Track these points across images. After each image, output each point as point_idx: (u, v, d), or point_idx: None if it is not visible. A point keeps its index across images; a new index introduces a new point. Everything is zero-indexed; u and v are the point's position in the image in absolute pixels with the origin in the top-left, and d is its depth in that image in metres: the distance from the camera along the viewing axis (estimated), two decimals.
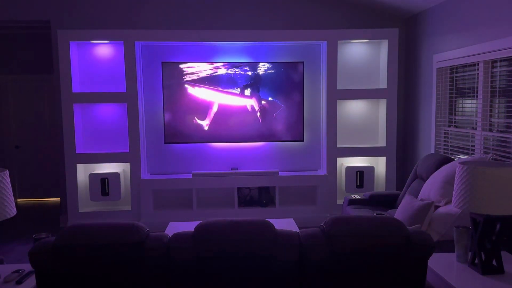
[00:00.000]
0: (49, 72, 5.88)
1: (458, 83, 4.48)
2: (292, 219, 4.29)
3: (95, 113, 5.49)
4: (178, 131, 5.41)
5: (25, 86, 6.91)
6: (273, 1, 5.50)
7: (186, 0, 5.43)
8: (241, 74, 5.38)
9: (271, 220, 2.20)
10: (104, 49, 5.42)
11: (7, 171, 2.28)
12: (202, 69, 5.34)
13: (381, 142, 5.58)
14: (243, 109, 5.43)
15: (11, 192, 2.28)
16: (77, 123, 5.31)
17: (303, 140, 5.57)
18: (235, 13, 5.49)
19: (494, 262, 2.26)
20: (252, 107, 5.44)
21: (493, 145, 3.86)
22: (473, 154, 4.13)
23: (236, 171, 5.44)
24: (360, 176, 5.49)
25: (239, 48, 5.49)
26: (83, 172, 5.43)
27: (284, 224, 4.00)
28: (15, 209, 2.30)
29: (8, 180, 2.27)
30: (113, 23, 5.38)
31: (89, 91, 5.37)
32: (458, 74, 4.47)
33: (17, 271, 2.25)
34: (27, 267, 2.30)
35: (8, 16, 5.33)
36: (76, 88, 5.29)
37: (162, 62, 5.32)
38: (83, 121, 5.47)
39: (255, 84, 5.41)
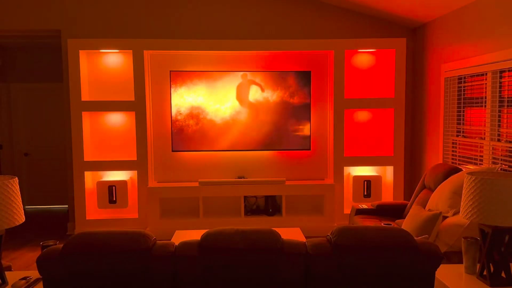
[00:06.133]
0: (59, 80, 5.95)
1: (466, 93, 4.46)
2: (298, 228, 4.27)
3: (103, 121, 5.54)
4: (185, 139, 5.44)
5: (35, 94, 6.99)
6: (281, 11, 5.53)
7: (194, 10, 5.49)
8: (247, 81, 5.40)
9: (278, 229, 2.19)
10: (113, 58, 5.48)
11: (16, 178, 2.30)
12: (210, 77, 5.38)
13: (389, 152, 5.56)
14: (251, 118, 5.45)
15: (19, 199, 2.30)
16: (85, 131, 5.35)
17: (310, 149, 5.56)
18: (243, 23, 5.53)
19: (503, 274, 2.23)
20: (259, 115, 5.46)
21: (501, 155, 3.83)
22: (482, 164, 4.10)
23: (242, 179, 5.44)
24: (368, 185, 5.46)
25: (247, 57, 5.53)
26: (91, 179, 5.46)
27: (291, 233, 3.98)
28: (23, 216, 2.31)
29: (17, 187, 2.29)
30: (122, 32, 5.45)
31: (98, 100, 5.42)
32: (466, 84, 4.45)
33: (24, 278, 2.26)
34: (34, 274, 2.31)
35: (20, 25, 5.41)
36: (85, 96, 5.35)
37: (171, 71, 5.36)
38: (91, 129, 5.52)
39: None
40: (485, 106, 4.02)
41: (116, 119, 5.54)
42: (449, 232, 3.06)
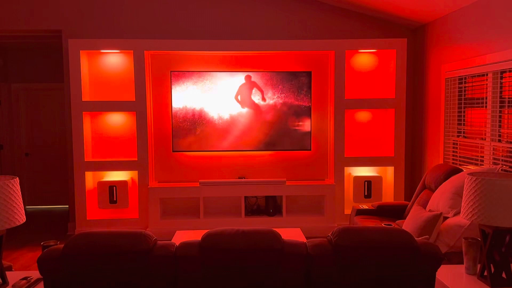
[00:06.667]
0: (59, 80, 5.96)
1: (467, 93, 4.46)
2: (299, 228, 4.27)
3: (104, 121, 5.54)
4: (186, 140, 5.44)
5: (36, 94, 7.00)
6: (281, 11, 5.53)
7: (195, 10, 5.49)
8: (250, 83, 5.41)
9: (278, 230, 2.19)
10: (114, 58, 5.49)
11: (17, 178, 2.30)
12: (211, 78, 5.38)
13: (389, 152, 5.56)
14: (251, 118, 5.45)
15: (20, 199, 2.30)
16: (86, 131, 5.36)
17: (310, 150, 5.56)
18: (244, 23, 5.53)
19: (503, 275, 2.23)
20: (260, 116, 5.46)
21: (502, 156, 3.83)
22: (482, 165, 4.10)
23: (243, 179, 5.44)
24: (368, 186, 5.46)
25: (248, 57, 5.53)
26: (91, 179, 5.47)
27: (291, 233, 3.98)
28: (24, 217, 2.32)
29: (18, 187, 2.29)
30: (123, 32, 5.45)
31: (99, 100, 5.42)
32: (467, 84, 4.45)
33: (25, 278, 2.26)
34: (35, 274, 2.31)
35: (21, 26, 5.42)
36: (86, 96, 5.35)
37: (171, 71, 5.37)
38: (92, 129, 5.52)
39: (263, 94, 5.43)
40: (486, 106, 4.02)
41: (116, 119, 5.55)
42: (450, 232, 3.06)
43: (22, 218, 2.28)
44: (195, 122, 5.43)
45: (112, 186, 5.34)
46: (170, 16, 5.49)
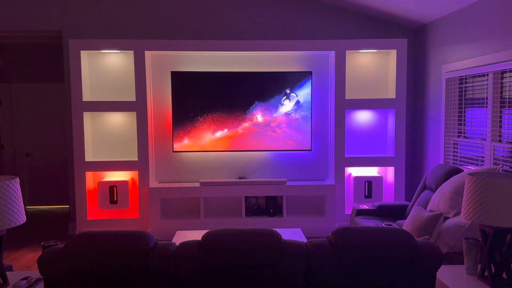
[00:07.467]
0: (60, 80, 5.96)
1: (467, 94, 4.46)
2: (299, 229, 4.27)
3: (104, 121, 5.54)
4: (186, 140, 5.44)
5: (36, 94, 7.00)
6: (281, 11, 5.54)
7: (195, 11, 5.50)
8: (250, 83, 5.41)
9: (279, 230, 2.19)
10: (114, 58, 5.49)
11: (18, 178, 2.30)
12: (211, 78, 5.38)
13: (390, 152, 5.56)
14: (251, 118, 5.45)
15: (21, 199, 2.30)
16: (86, 131, 5.36)
17: (311, 150, 5.56)
18: (244, 24, 5.53)
19: (504, 275, 2.23)
20: (260, 116, 5.46)
21: (503, 156, 3.83)
22: (483, 165, 4.10)
23: (243, 180, 5.44)
24: (369, 186, 5.46)
25: (248, 58, 5.53)
26: (92, 180, 5.46)
27: (292, 234, 3.98)
28: (24, 217, 2.32)
29: (18, 187, 2.29)
30: (124, 32, 5.45)
31: (99, 100, 5.42)
32: (467, 85, 4.45)
33: (25, 278, 2.26)
34: (35, 274, 2.31)
35: (21, 26, 5.42)
36: (86, 96, 5.35)
37: (172, 72, 5.37)
38: (92, 129, 5.52)
39: (264, 94, 5.43)
40: (486, 106, 4.02)
41: (117, 119, 5.55)
42: (450, 232, 3.06)
43: (22, 218, 2.28)
44: (196, 122, 5.43)
45: (112, 186, 5.34)
46: (170, 16, 5.49)
